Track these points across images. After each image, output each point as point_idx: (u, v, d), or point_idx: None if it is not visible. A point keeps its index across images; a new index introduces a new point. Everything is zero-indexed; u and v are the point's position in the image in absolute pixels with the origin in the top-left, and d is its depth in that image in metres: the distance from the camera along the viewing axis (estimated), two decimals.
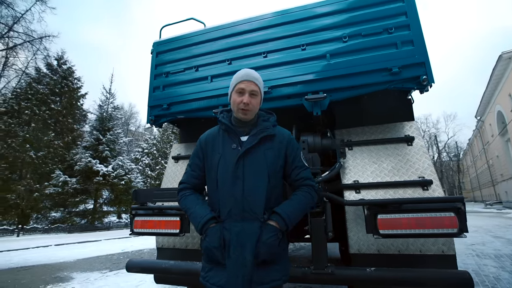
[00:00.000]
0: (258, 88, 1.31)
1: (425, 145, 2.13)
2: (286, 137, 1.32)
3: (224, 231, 1.15)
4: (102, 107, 17.59)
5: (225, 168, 1.21)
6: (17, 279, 4.73)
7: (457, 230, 1.44)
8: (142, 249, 8.14)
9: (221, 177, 1.22)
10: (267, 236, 1.12)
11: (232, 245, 1.12)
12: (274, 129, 1.31)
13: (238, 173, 1.18)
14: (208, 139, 1.34)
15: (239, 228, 1.13)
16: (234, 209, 1.16)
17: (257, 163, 1.21)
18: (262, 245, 1.11)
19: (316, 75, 2.17)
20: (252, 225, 1.14)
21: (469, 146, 46.37)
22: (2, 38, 17.45)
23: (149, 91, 2.74)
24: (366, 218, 1.60)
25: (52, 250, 8.06)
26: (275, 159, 1.25)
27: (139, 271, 2.05)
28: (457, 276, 1.39)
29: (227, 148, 1.26)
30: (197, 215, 1.21)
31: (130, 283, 4.01)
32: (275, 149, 1.26)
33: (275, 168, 1.24)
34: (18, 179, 13.76)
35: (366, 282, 1.56)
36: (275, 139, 1.28)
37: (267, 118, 1.35)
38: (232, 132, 1.28)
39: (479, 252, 5.98)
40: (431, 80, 1.91)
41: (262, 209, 1.16)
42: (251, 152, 1.22)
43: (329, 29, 2.23)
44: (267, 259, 1.12)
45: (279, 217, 1.16)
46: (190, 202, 1.28)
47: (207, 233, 1.17)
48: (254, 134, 1.26)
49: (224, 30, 2.54)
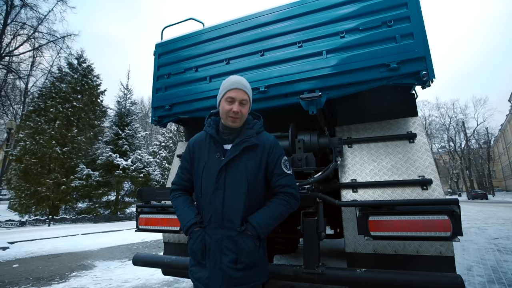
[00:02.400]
0: (248, 97, 1.32)
1: (428, 142, 2.04)
2: (268, 145, 1.32)
3: (206, 236, 1.22)
4: (120, 103, 18.23)
5: (208, 177, 1.26)
6: (47, 265, 5.17)
7: (451, 233, 1.40)
8: (160, 238, 8.53)
9: (204, 185, 1.27)
10: (243, 243, 1.18)
11: (212, 250, 1.19)
12: (258, 137, 1.32)
13: (219, 183, 1.23)
14: (195, 145, 1.38)
15: (219, 236, 1.20)
16: (214, 217, 1.22)
17: (238, 175, 1.24)
18: (240, 252, 1.17)
19: (313, 72, 2.12)
20: (230, 233, 1.20)
21: (501, 132, 43.49)
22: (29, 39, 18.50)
23: (152, 92, 2.82)
24: (357, 219, 1.59)
25: (79, 239, 8.65)
26: (256, 169, 1.26)
27: (143, 265, 2.17)
28: (448, 280, 1.36)
29: (212, 157, 1.29)
30: (183, 218, 1.29)
31: (146, 272, 4.25)
32: (257, 159, 1.28)
33: (256, 179, 1.26)
34: (47, 173, 14.74)
35: (357, 283, 1.56)
36: (257, 149, 1.29)
37: (252, 125, 1.36)
38: (216, 140, 1.32)
39: (501, 247, 5.71)
40: (432, 75, 1.82)
41: (240, 219, 1.21)
42: (233, 163, 1.25)
43: (325, 24, 2.16)
44: (247, 264, 1.17)
45: (251, 227, 1.20)
46: (179, 204, 1.36)
47: (191, 236, 1.25)
48: (237, 143, 1.27)
49: (220, 30, 2.54)
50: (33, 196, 14.19)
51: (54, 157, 14.73)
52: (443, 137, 46.93)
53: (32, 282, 4.03)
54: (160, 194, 2.32)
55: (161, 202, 2.36)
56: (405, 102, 2.30)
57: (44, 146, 14.53)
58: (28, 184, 14.29)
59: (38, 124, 14.96)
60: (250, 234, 1.19)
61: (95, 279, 4.17)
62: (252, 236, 1.19)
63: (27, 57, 20.04)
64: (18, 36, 18.34)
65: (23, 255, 6.22)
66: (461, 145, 44.75)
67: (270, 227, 1.25)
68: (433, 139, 46.88)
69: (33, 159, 14.29)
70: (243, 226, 1.20)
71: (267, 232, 1.24)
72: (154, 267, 2.23)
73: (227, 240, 1.19)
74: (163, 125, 2.91)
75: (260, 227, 1.20)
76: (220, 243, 1.19)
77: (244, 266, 1.17)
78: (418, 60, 1.86)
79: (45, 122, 15.18)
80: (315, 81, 2.12)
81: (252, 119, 1.40)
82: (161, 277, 3.95)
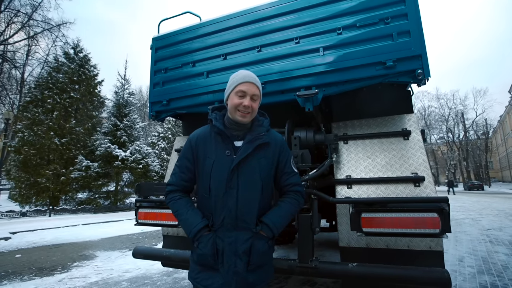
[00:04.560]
0: (259, 91, 1.26)
1: (421, 139, 2.08)
2: (279, 143, 1.30)
3: (217, 239, 1.15)
4: (118, 93, 18.07)
5: (218, 176, 1.18)
6: (49, 255, 5.28)
7: (439, 230, 1.45)
8: (159, 229, 8.66)
9: (215, 185, 1.18)
10: (259, 245, 1.15)
11: (226, 254, 1.13)
12: (269, 135, 1.27)
13: (232, 182, 1.16)
14: (199, 141, 1.26)
15: (232, 239, 1.14)
16: (227, 218, 1.15)
17: (252, 173, 1.19)
18: (254, 254, 1.14)
19: (309, 69, 2.13)
20: (244, 235, 1.15)
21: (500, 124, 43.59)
22: (23, 27, 18.14)
23: (150, 87, 2.82)
24: (350, 216, 1.63)
25: (80, 229, 8.79)
26: (268, 168, 1.23)
27: (143, 257, 2.24)
28: (436, 275, 1.42)
29: (220, 154, 1.20)
30: (190, 223, 1.19)
31: (147, 262, 4.35)
32: (269, 157, 1.24)
33: (268, 177, 1.24)
34: (46, 164, 14.77)
35: (348, 277, 1.63)
36: (269, 147, 1.25)
37: (261, 123, 1.29)
38: (225, 136, 1.22)
39: (493, 238, 5.85)
40: (427, 74, 1.83)
41: (255, 220, 1.17)
42: (246, 161, 1.18)
43: (323, 20, 2.15)
44: (259, 264, 1.16)
45: (266, 228, 1.18)
46: (181, 207, 1.24)
47: (200, 240, 1.16)
48: (250, 141, 1.20)
49: (218, 24, 2.52)
50: (33, 187, 14.27)
51: (53, 148, 14.72)
52: (442, 128, 47.07)
53: (35, 272, 4.12)
54: (159, 189, 2.36)
55: (159, 197, 2.40)
56: (401, 99, 2.32)
57: (43, 137, 14.49)
58: (28, 175, 14.35)
59: (36, 115, 14.85)
60: (265, 235, 1.17)
61: (97, 269, 4.27)
62: (267, 237, 1.17)
63: (22, 45, 19.74)
64: (13, 24, 17.98)
65: (25, 245, 6.34)
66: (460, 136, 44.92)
67: (283, 226, 1.24)
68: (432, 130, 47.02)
69: (32, 150, 14.28)
70: (259, 226, 1.17)
71: (279, 232, 1.23)
72: (153, 260, 2.30)
73: (242, 242, 1.14)
74: (160, 120, 2.92)
75: (276, 227, 1.18)
76: (234, 245, 1.13)
77: (257, 267, 1.15)
78: (414, 58, 1.86)
79: (42, 113, 15.07)
80: (312, 78, 2.13)
81: (259, 117, 1.32)
82: (161, 267, 4.05)
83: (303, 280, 3.19)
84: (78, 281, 3.65)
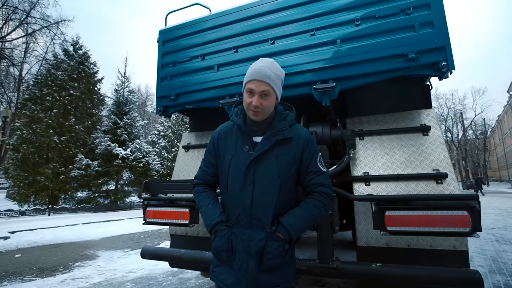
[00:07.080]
0: (270, 87, 1.14)
1: (442, 135, 2.00)
2: (303, 139, 1.21)
3: (232, 236, 1.14)
4: (118, 91, 17.92)
5: (235, 172, 1.17)
6: (49, 255, 5.19)
7: (470, 229, 1.38)
8: (161, 228, 8.59)
9: (231, 181, 1.18)
10: (273, 246, 1.10)
11: (238, 252, 1.12)
12: (291, 130, 1.20)
13: (248, 179, 1.14)
14: (220, 136, 1.27)
15: (246, 236, 1.12)
16: (242, 215, 1.13)
17: (269, 170, 1.14)
18: (267, 255, 1.09)
19: (326, 62, 2.05)
20: (259, 233, 1.12)
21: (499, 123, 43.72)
22: (21, 24, 17.94)
23: (157, 81, 2.73)
24: (373, 214, 1.56)
25: (80, 228, 8.68)
26: (289, 165, 1.16)
27: (152, 258, 2.16)
28: (466, 276, 1.35)
29: (240, 150, 1.19)
30: (208, 216, 1.21)
31: (150, 262, 4.27)
32: (291, 154, 1.17)
33: (288, 175, 1.17)
34: (45, 162, 14.60)
35: (372, 278, 1.55)
36: (291, 143, 1.18)
37: (284, 117, 1.22)
38: (244, 132, 1.20)
39: (500, 237, 5.82)
40: (452, 66, 1.76)
41: (270, 219, 1.12)
42: (263, 157, 1.14)
43: (340, 11, 2.07)
44: (273, 266, 1.10)
45: (283, 229, 1.11)
46: (202, 200, 1.28)
47: (216, 234, 1.17)
48: (268, 137, 1.16)
49: (229, 16, 2.43)
50: (32, 186, 14.10)
51: (52, 147, 14.55)
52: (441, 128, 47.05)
53: (36, 272, 4.03)
54: (167, 187, 2.27)
55: (167, 195, 2.32)
56: (419, 94, 2.24)
57: (42, 135, 14.32)
58: (27, 174, 14.18)
59: (35, 112, 14.69)
60: (281, 236, 1.11)
61: (99, 269, 4.19)
62: (283, 239, 1.11)
63: (20, 43, 19.52)
64: (10, 21, 17.78)
65: (25, 245, 6.24)
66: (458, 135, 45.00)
67: (303, 229, 1.17)
68: None
69: (31, 148, 14.12)
70: (274, 226, 1.12)
71: (298, 235, 1.16)
72: (163, 260, 2.22)
73: (255, 241, 1.10)
74: (168, 115, 2.84)
75: (293, 230, 1.11)
76: (247, 243, 1.11)
77: (270, 268, 1.10)
78: (437, 50, 1.79)
79: (41, 111, 14.90)
80: (329, 71, 2.05)
81: (283, 110, 1.25)
82: (165, 267, 3.97)
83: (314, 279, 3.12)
84: (81, 282, 3.57)
